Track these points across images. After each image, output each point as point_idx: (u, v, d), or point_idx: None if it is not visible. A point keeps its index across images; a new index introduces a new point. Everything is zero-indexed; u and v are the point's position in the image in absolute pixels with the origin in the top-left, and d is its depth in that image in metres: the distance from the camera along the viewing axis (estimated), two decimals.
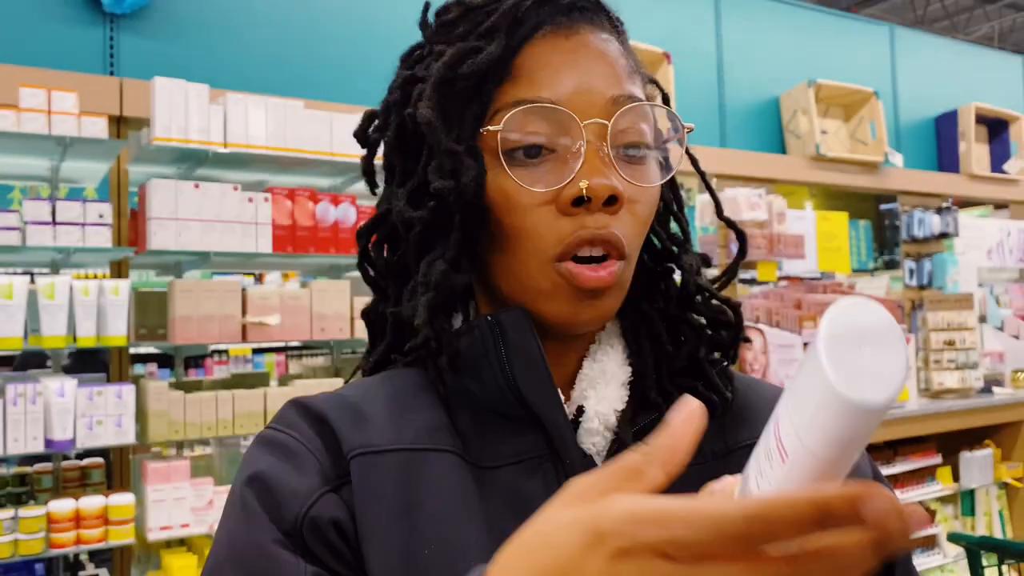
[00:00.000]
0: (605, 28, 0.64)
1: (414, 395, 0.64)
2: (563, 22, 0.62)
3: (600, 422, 0.62)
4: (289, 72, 3.34)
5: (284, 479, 0.58)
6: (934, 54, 5.65)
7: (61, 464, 2.66)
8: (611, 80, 0.61)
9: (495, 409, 0.62)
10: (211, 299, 2.54)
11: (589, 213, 0.59)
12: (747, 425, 0.67)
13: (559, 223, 0.59)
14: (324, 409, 0.62)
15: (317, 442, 0.61)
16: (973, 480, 4.10)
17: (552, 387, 0.61)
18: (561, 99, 0.59)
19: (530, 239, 0.60)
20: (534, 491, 0.60)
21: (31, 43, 2.86)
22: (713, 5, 4.64)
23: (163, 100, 2.51)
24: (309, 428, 0.61)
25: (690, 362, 0.67)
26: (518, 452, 0.61)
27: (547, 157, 0.60)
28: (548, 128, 0.60)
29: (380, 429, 0.61)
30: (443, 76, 0.61)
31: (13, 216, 2.36)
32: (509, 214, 0.60)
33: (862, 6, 11.76)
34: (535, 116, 0.59)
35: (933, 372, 4.22)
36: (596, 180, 0.58)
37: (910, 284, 5.07)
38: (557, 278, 0.60)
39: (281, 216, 2.72)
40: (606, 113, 0.60)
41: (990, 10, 12.53)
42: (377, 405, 0.63)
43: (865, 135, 4.85)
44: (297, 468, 0.59)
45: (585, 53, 0.61)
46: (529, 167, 0.60)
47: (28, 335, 2.37)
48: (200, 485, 2.48)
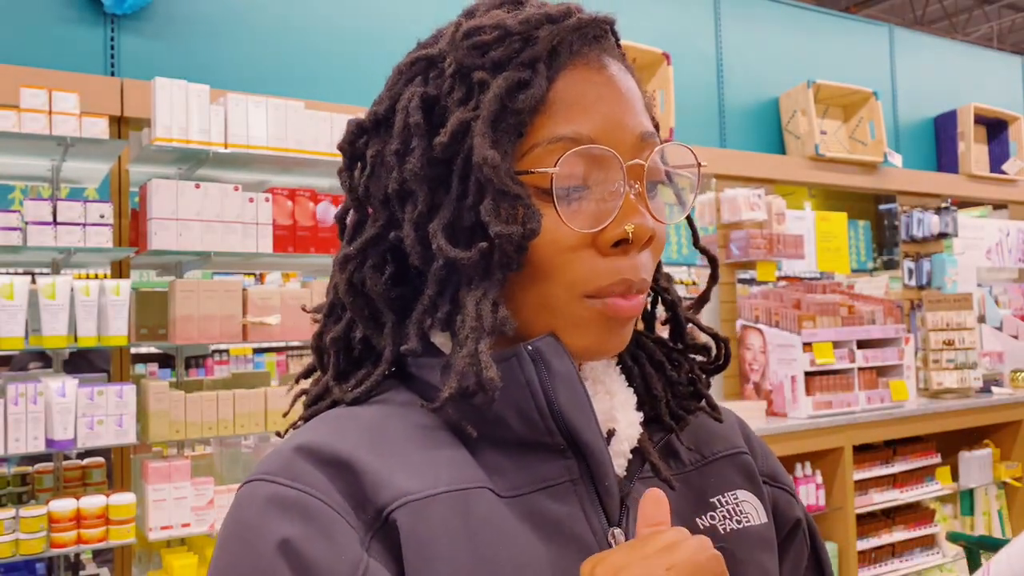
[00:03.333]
0: (619, 56, 0.65)
1: (426, 429, 0.61)
2: (590, 53, 0.61)
3: (628, 444, 0.64)
4: (290, 72, 3.35)
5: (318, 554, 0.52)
6: (933, 54, 5.66)
7: (62, 464, 2.67)
8: (637, 116, 0.62)
9: (522, 436, 0.61)
10: (212, 299, 2.54)
11: (625, 253, 0.60)
12: (717, 438, 0.73)
13: (597, 262, 0.59)
14: (341, 451, 0.57)
15: (336, 496, 0.55)
16: (972, 480, 4.11)
17: (592, 413, 0.61)
18: (597, 136, 0.59)
19: (566, 276, 0.59)
20: (571, 515, 0.60)
21: (32, 44, 2.87)
22: (712, 6, 4.65)
23: (164, 100, 2.51)
24: (323, 478, 0.56)
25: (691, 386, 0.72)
26: (543, 478, 0.61)
27: (585, 195, 0.60)
28: (590, 168, 0.59)
29: (410, 471, 0.57)
30: (495, 109, 0.58)
31: (14, 216, 2.36)
32: (547, 252, 0.59)
33: (861, 7, 11.76)
34: (582, 157, 0.59)
35: (932, 372, 4.23)
36: (638, 222, 0.59)
37: (909, 284, 5.08)
38: (590, 311, 0.60)
39: (282, 216, 2.72)
40: (639, 151, 0.60)
41: (989, 10, 12.54)
42: (395, 443, 0.59)
43: (864, 135, 4.86)
44: (327, 537, 0.53)
45: (614, 87, 0.61)
46: (572, 206, 0.59)
47: (29, 335, 2.38)
48: (201, 485, 2.49)
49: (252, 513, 0.55)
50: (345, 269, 0.65)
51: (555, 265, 0.59)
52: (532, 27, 0.60)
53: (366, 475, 0.56)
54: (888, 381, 3.84)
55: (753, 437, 0.78)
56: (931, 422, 3.87)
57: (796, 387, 3.54)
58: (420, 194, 0.61)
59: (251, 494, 0.56)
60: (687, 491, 0.67)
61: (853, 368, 3.71)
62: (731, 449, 0.73)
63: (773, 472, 0.76)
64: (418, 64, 0.64)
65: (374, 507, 0.55)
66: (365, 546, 0.54)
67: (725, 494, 0.69)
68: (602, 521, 0.61)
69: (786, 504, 0.75)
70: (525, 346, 0.60)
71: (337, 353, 0.68)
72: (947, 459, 4.16)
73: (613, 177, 0.59)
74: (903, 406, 3.82)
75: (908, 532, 3.92)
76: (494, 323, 0.58)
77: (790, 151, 4.69)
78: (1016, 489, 4.32)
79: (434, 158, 0.60)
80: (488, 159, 0.57)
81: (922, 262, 5.12)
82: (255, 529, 0.54)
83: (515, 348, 0.60)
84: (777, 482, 0.76)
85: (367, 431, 0.60)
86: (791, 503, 0.76)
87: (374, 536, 0.55)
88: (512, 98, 0.58)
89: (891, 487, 3.88)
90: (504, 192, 0.57)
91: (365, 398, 0.65)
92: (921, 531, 3.98)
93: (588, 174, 0.59)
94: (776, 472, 0.77)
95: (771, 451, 0.79)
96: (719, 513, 0.67)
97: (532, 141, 0.59)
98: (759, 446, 0.77)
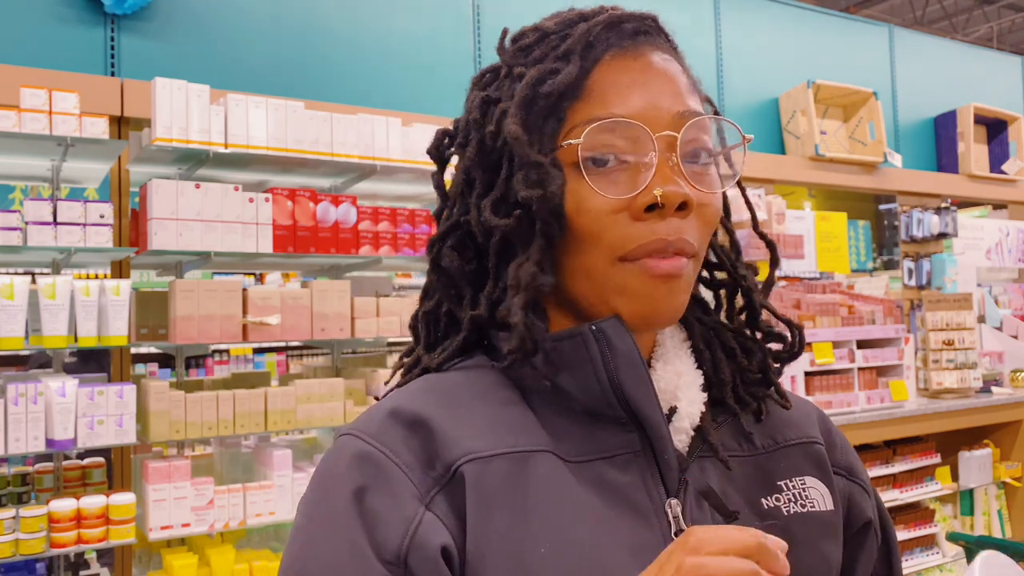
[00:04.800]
0: (665, 49, 0.70)
1: (499, 395, 0.68)
2: (628, 45, 0.67)
3: (689, 422, 0.69)
4: (290, 73, 3.35)
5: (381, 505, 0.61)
6: (933, 55, 5.66)
7: (62, 464, 2.67)
8: (676, 96, 0.66)
9: (588, 408, 0.67)
10: (212, 299, 2.54)
11: (662, 218, 0.64)
12: (792, 425, 0.76)
13: (632, 227, 0.64)
14: (420, 413, 0.65)
15: (406, 455, 0.63)
16: (972, 480, 4.11)
17: (652, 389, 0.66)
18: (633, 115, 0.64)
19: (604, 241, 0.64)
20: (629, 482, 0.65)
21: (32, 44, 2.87)
22: (713, 6, 4.65)
23: (164, 100, 2.51)
24: (400, 437, 0.64)
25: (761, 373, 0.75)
26: (608, 448, 0.66)
27: (621, 167, 0.65)
28: (622, 141, 0.64)
29: (480, 432, 0.64)
30: (526, 95, 0.66)
31: (14, 216, 2.36)
32: (585, 219, 0.64)
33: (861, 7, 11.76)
34: (611, 131, 0.64)
35: (932, 372, 4.23)
36: (669, 188, 0.63)
37: (909, 284, 5.08)
38: (629, 273, 0.64)
39: (282, 216, 2.72)
40: (675, 126, 0.65)
41: (989, 11, 12.54)
42: (469, 406, 0.66)
43: (864, 135, 4.86)
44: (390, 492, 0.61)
45: (651, 73, 0.66)
46: (605, 176, 0.64)
47: (29, 335, 2.38)
48: (201, 485, 2.49)
49: (339, 462, 0.65)
50: (431, 251, 0.73)
51: (592, 231, 0.64)
52: (567, 26, 0.68)
53: (439, 434, 0.63)
54: (888, 381, 3.84)
55: (834, 431, 0.80)
56: (931, 422, 3.87)
57: (796, 387, 3.54)
58: (477, 179, 0.70)
59: (342, 446, 0.66)
60: (756, 473, 0.71)
61: (853, 368, 3.71)
62: (804, 438, 0.75)
63: (850, 466, 0.79)
64: (485, 74, 0.74)
65: (443, 463, 0.62)
66: (426, 502, 0.61)
67: (793, 479, 0.72)
68: (660, 492, 0.65)
69: (861, 499, 0.78)
70: (590, 326, 0.65)
71: (427, 326, 0.76)
72: (947, 459, 4.16)
73: (645, 149, 0.64)
74: (903, 406, 3.82)
75: (908, 532, 3.92)
76: (529, 281, 0.65)
77: (790, 151, 4.69)
78: (1016, 489, 4.32)
79: (486, 145, 0.69)
80: (512, 132, 0.65)
81: (922, 262, 5.12)
82: (338, 477, 0.63)
83: (581, 327, 0.66)
84: (854, 476, 0.78)
85: (445, 394, 0.67)
86: (866, 499, 0.78)
87: (440, 491, 0.62)
88: (541, 84, 0.65)
89: (891, 487, 3.88)
90: (528, 161, 0.64)
91: (448, 364, 0.72)
92: (921, 531, 3.98)
93: (620, 147, 0.64)
94: (853, 467, 0.79)
95: (851, 447, 0.81)
96: (784, 496, 0.71)
97: (571, 124, 0.66)
98: (839, 440, 0.80)
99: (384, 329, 2.86)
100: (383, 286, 3.24)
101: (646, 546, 0.62)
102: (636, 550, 0.62)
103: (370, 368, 3.00)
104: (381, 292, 3.07)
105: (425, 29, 3.72)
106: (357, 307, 2.82)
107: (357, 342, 3.27)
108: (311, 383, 2.72)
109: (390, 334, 2.88)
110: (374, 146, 2.87)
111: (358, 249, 2.87)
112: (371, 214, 2.91)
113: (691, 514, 0.65)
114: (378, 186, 3.19)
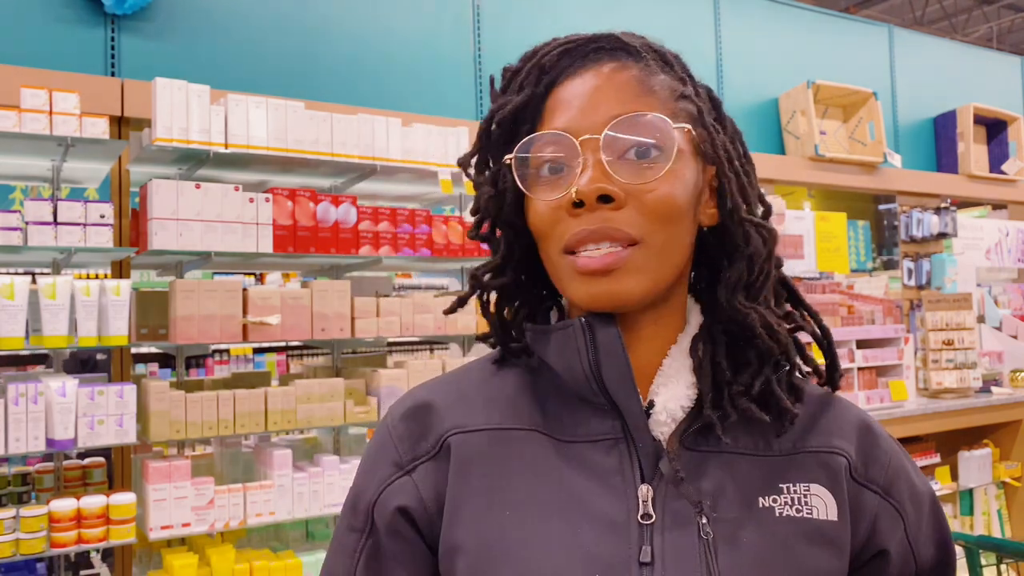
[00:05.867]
0: (622, 59, 0.73)
1: (506, 382, 0.79)
2: (581, 66, 0.73)
3: (668, 415, 0.73)
4: (290, 73, 3.35)
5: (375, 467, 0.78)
6: (933, 55, 5.66)
7: (62, 463, 2.67)
8: (614, 102, 0.71)
9: (579, 395, 0.74)
10: (212, 299, 2.55)
11: (591, 211, 0.69)
12: (816, 434, 0.76)
13: (568, 222, 0.70)
14: (428, 395, 0.79)
15: (402, 429, 0.78)
16: (972, 479, 4.11)
17: (631, 380, 0.71)
18: (569, 125, 0.71)
19: (551, 237, 0.72)
20: (609, 465, 0.71)
21: (32, 44, 2.87)
22: (712, 6, 4.65)
23: (164, 101, 2.52)
24: (402, 416, 0.78)
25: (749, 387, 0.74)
26: (595, 433, 0.73)
27: (563, 174, 0.71)
28: (556, 150, 0.72)
29: (474, 411, 0.76)
30: (483, 127, 0.77)
31: (15, 216, 2.37)
32: (535, 220, 0.74)
33: (861, 7, 11.77)
34: (543, 142, 0.72)
35: (932, 372, 4.23)
36: (584, 185, 0.68)
37: (908, 284, 5.08)
38: (570, 264, 0.71)
39: (282, 216, 2.73)
40: (600, 129, 0.70)
41: (988, 11, 12.54)
42: (473, 391, 0.79)
43: (864, 136, 4.86)
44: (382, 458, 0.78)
45: (593, 84, 0.72)
46: (549, 183, 0.72)
47: (29, 335, 2.38)
48: (201, 484, 2.49)
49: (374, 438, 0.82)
50: None
51: (540, 230, 0.73)
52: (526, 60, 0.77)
53: (436, 413, 0.77)
54: (887, 381, 3.84)
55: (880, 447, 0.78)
56: (930, 422, 3.87)
57: None
58: None
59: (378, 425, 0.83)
60: (763, 473, 0.73)
61: (853, 368, 3.71)
62: (825, 447, 0.75)
63: (889, 485, 0.76)
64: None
65: (435, 435, 0.76)
66: (407, 468, 0.75)
67: (797, 484, 0.73)
68: (636, 477, 0.71)
69: (888, 521, 0.75)
70: (580, 318, 0.72)
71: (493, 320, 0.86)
72: (946, 459, 4.16)
73: (574, 154, 0.70)
74: (902, 406, 3.82)
75: None
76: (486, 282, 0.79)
77: (790, 151, 4.69)
78: (1016, 489, 4.32)
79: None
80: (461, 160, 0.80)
81: (921, 262, 5.12)
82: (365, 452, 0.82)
83: (572, 320, 0.72)
84: (890, 496, 0.76)
85: (455, 382, 0.81)
86: (896, 522, 0.76)
87: (427, 461, 0.75)
88: (495, 115, 0.76)
89: None
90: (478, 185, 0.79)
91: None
92: None
93: (554, 157, 0.71)
94: (893, 486, 0.76)
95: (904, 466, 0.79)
96: (783, 498, 0.72)
97: None
98: (884, 456, 0.77)
99: (384, 329, 2.86)
100: (383, 286, 3.24)
101: (613, 522, 0.68)
102: (603, 524, 0.68)
103: (370, 368, 3.00)
104: (381, 292, 3.07)
105: (425, 29, 3.72)
106: (357, 307, 2.82)
107: (357, 342, 3.27)
108: (311, 383, 2.72)
109: (390, 334, 2.88)
110: (374, 146, 2.87)
111: (358, 249, 2.87)
112: (371, 214, 2.91)
113: (663, 500, 0.69)
114: (378, 186, 3.19)
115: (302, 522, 2.90)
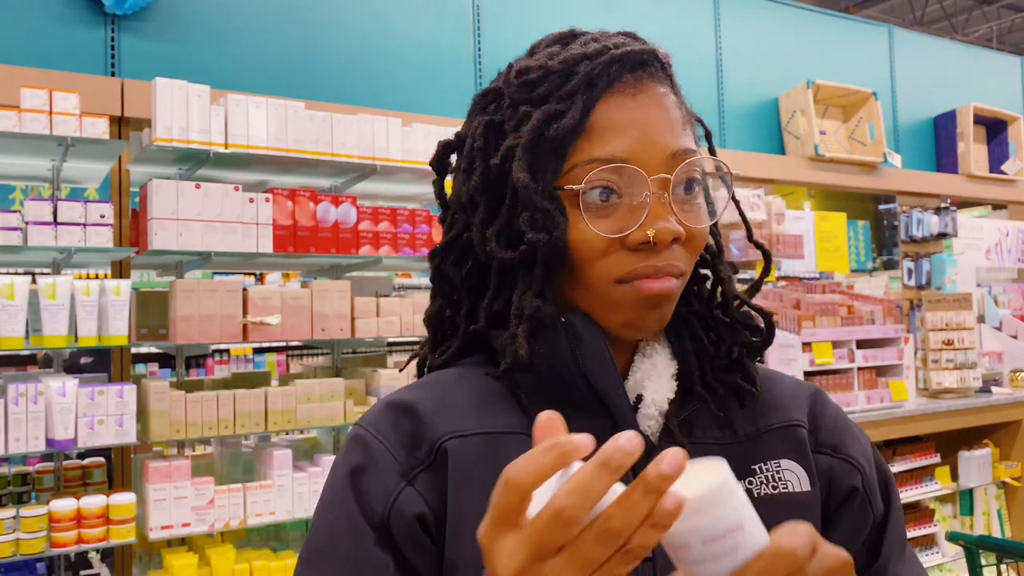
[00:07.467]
0: (663, 82, 0.74)
1: (489, 387, 0.76)
2: (628, 79, 0.71)
3: (656, 408, 0.74)
4: (290, 73, 3.35)
5: (367, 482, 0.71)
6: (933, 55, 5.67)
7: (62, 463, 2.67)
8: (670, 135, 0.71)
9: (565, 395, 0.73)
10: (212, 299, 2.55)
11: (655, 252, 0.70)
12: (772, 411, 0.79)
13: (628, 256, 0.70)
14: (410, 399, 0.74)
15: (393, 436, 0.72)
16: (972, 479, 4.11)
17: (617, 378, 0.72)
18: (629, 154, 0.69)
19: (600, 269, 0.71)
20: None
21: (32, 44, 2.87)
22: (712, 6, 4.65)
23: (164, 101, 2.52)
24: (388, 422, 0.73)
25: (728, 359, 0.78)
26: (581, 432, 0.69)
27: (617, 203, 0.70)
28: (619, 180, 0.70)
29: (463, 416, 0.73)
30: (532, 138, 0.70)
31: (15, 216, 2.37)
32: (585, 250, 0.70)
33: (861, 7, 11.77)
34: (609, 171, 0.69)
35: (932, 372, 4.23)
36: (660, 226, 0.68)
37: (908, 284, 5.08)
38: (622, 292, 0.70)
39: (282, 216, 2.73)
40: (668, 167, 0.70)
41: (988, 11, 12.54)
42: (460, 397, 0.75)
43: (864, 136, 4.86)
44: (376, 470, 0.71)
45: (648, 110, 0.71)
46: (603, 212, 0.70)
47: (29, 335, 2.38)
48: (201, 484, 2.49)
49: (343, 449, 0.75)
50: (433, 260, 0.80)
51: (590, 261, 0.71)
52: (570, 64, 0.71)
53: (425, 418, 0.72)
54: (887, 381, 3.84)
55: (827, 413, 0.82)
56: (930, 422, 3.87)
57: None
58: (481, 204, 0.75)
59: (348, 436, 0.75)
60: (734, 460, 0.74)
61: (852, 368, 3.71)
62: (785, 421, 0.79)
63: (837, 444, 0.80)
64: (488, 95, 0.78)
65: (428, 443, 0.71)
66: (409, 477, 0.70)
67: (768, 462, 0.75)
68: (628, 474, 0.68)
69: (843, 472, 0.79)
70: (560, 319, 0.72)
71: (432, 328, 0.84)
72: (946, 459, 4.16)
73: (640, 189, 0.69)
74: (902, 406, 3.82)
75: (908, 532, 3.92)
76: (533, 312, 0.71)
77: (790, 151, 4.69)
78: (1015, 489, 4.32)
79: (490, 175, 0.74)
80: (520, 180, 0.70)
81: (921, 262, 5.12)
82: (339, 462, 0.74)
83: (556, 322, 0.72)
84: (839, 453, 0.79)
85: (439, 387, 0.76)
86: (849, 472, 0.79)
87: (424, 470, 0.71)
88: (547, 127, 0.70)
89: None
90: (534, 207, 0.70)
91: (448, 363, 0.81)
92: (921, 531, 3.98)
93: (617, 186, 0.70)
94: (840, 443, 0.80)
95: (848, 425, 0.82)
96: (758, 479, 0.75)
97: (573, 162, 0.70)
98: (831, 421, 0.81)
99: (384, 329, 2.86)
100: (383, 286, 3.24)
101: None
102: None
103: (370, 368, 3.00)
104: (381, 292, 3.07)
105: (425, 29, 3.72)
106: (357, 307, 2.82)
107: (357, 342, 3.27)
108: (311, 383, 2.72)
109: (390, 334, 2.88)
110: (374, 146, 2.87)
111: (358, 249, 2.87)
112: (371, 214, 2.91)
113: None
114: (378, 186, 3.19)
115: (302, 522, 2.90)
